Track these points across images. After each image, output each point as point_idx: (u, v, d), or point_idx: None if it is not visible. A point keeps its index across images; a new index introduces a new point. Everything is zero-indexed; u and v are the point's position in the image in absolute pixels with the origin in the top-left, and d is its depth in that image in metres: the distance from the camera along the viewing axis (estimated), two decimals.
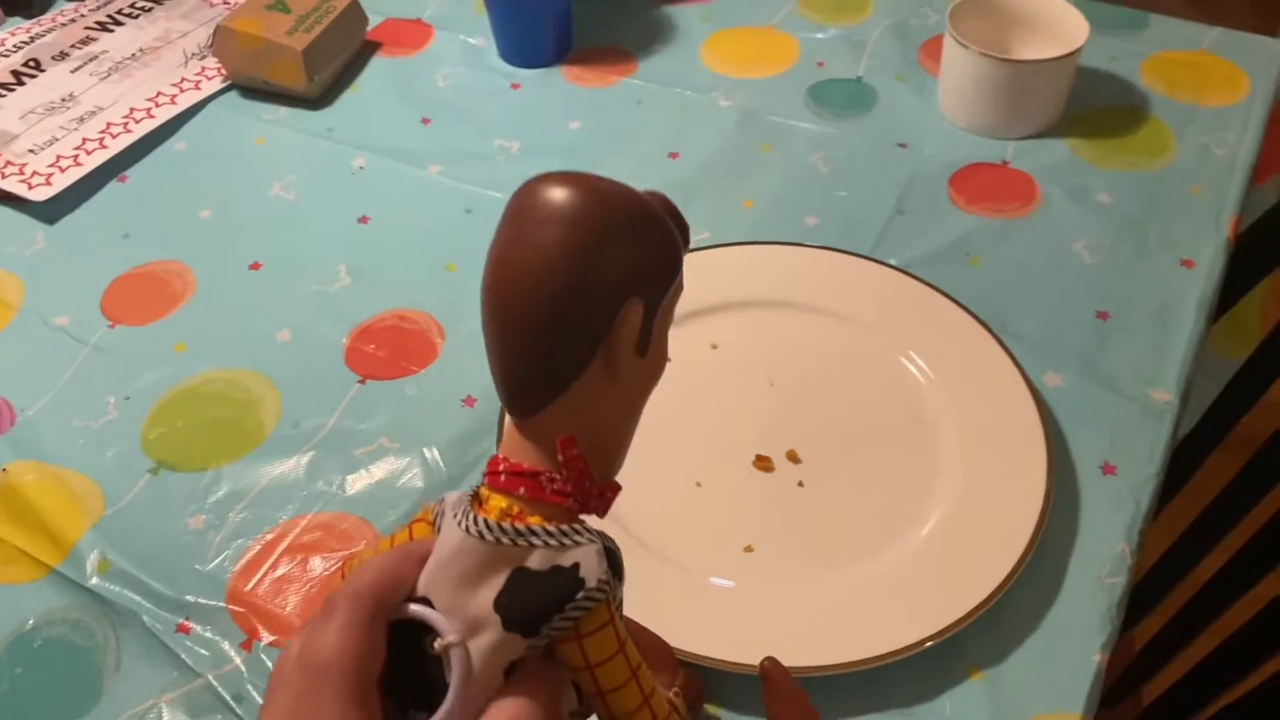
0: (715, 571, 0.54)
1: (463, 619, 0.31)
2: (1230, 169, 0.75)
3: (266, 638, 0.53)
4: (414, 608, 0.32)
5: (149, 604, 0.55)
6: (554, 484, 0.32)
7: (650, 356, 0.32)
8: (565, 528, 0.31)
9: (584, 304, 0.30)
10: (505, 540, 0.31)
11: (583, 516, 0.33)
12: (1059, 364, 0.63)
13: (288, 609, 0.54)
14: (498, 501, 0.32)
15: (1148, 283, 0.68)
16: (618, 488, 0.34)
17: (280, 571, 0.56)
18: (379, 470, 0.60)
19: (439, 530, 0.33)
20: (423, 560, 0.33)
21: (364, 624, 0.31)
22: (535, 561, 0.31)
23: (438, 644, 0.31)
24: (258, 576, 0.56)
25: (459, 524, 0.32)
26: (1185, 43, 0.86)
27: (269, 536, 0.58)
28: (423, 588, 0.33)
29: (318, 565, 0.56)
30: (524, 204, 0.31)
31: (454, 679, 0.31)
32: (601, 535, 0.33)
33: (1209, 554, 0.87)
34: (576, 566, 0.31)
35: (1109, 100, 0.81)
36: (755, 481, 0.58)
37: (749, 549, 0.55)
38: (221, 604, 0.55)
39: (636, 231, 0.31)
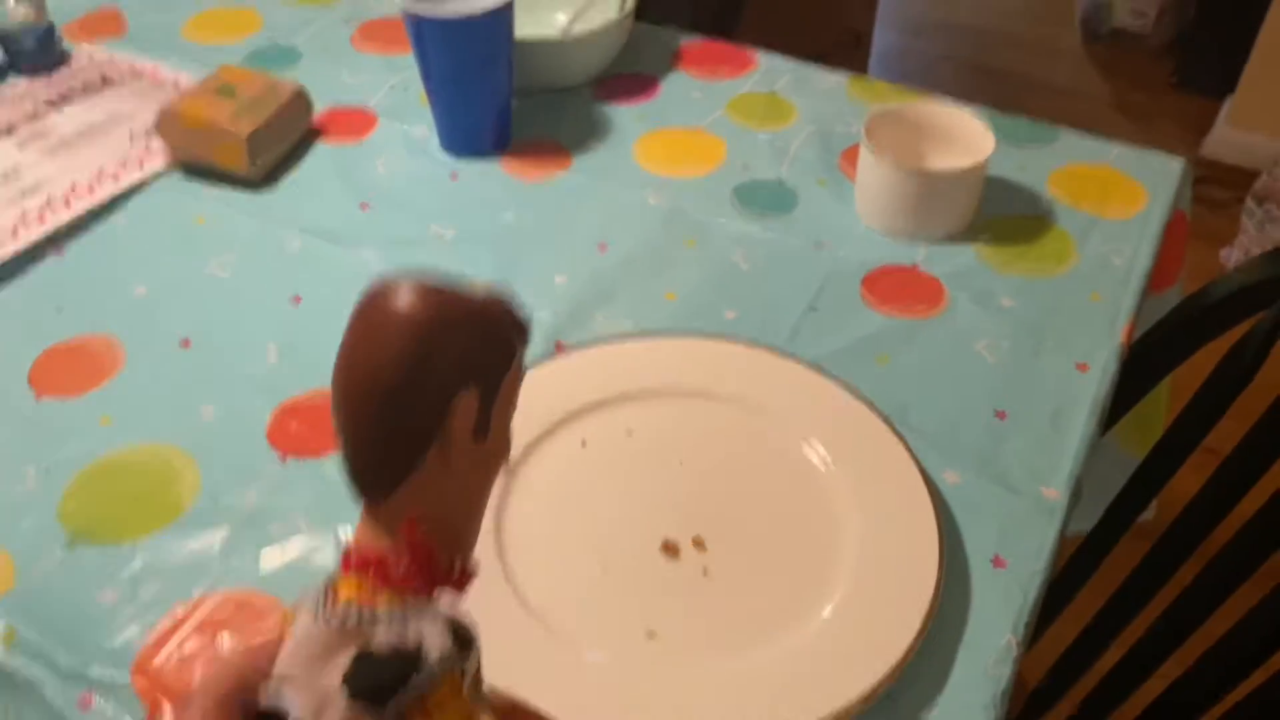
0: (615, 655, 0.56)
1: (314, 696, 0.33)
2: (1126, 277, 0.79)
3: (168, 715, 0.54)
4: (265, 698, 0.34)
5: (53, 677, 0.55)
6: (400, 567, 0.34)
7: (491, 441, 0.35)
8: (409, 609, 0.33)
9: (416, 397, 0.33)
10: (350, 623, 0.33)
11: (440, 594, 0.35)
12: (956, 460, 0.66)
13: (195, 685, 0.55)
14: (349, 586, 0.34)
15: (1044, 384, 0.71)
16: (474, 572, 0.36)
17: (189, 647, 0.57)
18: (294, 549, 0.61)
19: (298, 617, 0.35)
20: (271, 652, 0.34)
21: (218, 718, 0.33)
22: (379, 642, 0.33)
23: None
24: (165, 651, 0.56)
25: (309, 609, 0.33)
26: (1091, 156, 0.91)
27: (179, 612, 0.58)
28: (279, 670, 0.34)
29: (228, 642, 0.57)
30: (368, 303, 0.33)
31: None
32: (450, 611, 0.35)
33: (1114, 641, 0.90)
34: (419, 645, 0.33)
35: (1017, 209, 0.85)
36: (661, 567, 0.60)
37: (651, 633, 0.57)
38: (126, 679, 0.55)
39: (465, 332, 0.33)
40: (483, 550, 0.36)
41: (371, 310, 0.33)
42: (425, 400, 0.33)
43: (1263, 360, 0.75)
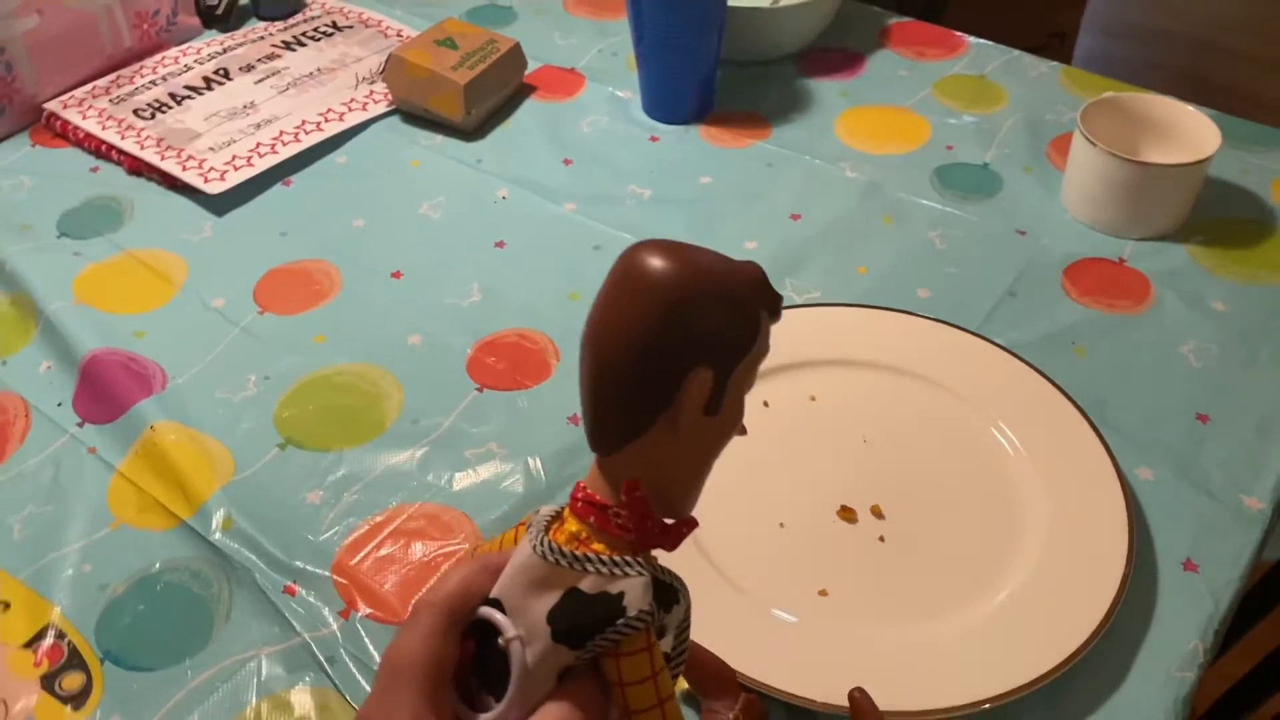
0: (787, 607, 0.56)
1: (524, 623, 0.36)
2: None
3: (364, 610, 0.58)
4: (484, 610, 0.37)
5: (263, 564, 0.60)
6: (618, 519, 0.35)
7: (722, 417, 0.35)
8: (620, 559, 0.35)
9: (653, 368, 0.33)
10: (563, 563, 0.35)
11: (654, 551, 0.37)
12: (1152, 459, 0.64)
13: (386, 587, 0.59)
14: (571, 525, 0.36)
15: (1253, 393, 0.68)
16: (693, 524, 0.37)
17: (384, 552, 0.60)
18: (485, 472, 0.65)
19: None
20: (496, 572, 0.37)
21: (440, 631, 0.36)
22: (587, 585, 0.35)
23: (500, 640, 0.36)
24: (363, 553, 0.60)
25: (531, 542, 0.36)
26: None
27: (378, 519, 0.62)
28: (497, 591, 0.37)
29: (419, 550, 0.60)
30: (624, 267, 0.34)
31: (513, 671, 0.35)
32: (661, 569, 0.37)
33: None
34: (622, 595, 0.35)
35: (1235, 212, 0.81)
36: (837, 530, 0.60)
37: (823, 592, 0.57)
38: (327, 573, 0.59)
39: (713, 306, 0.33)
40: None
41: (626, 272, 0.34)
42: (662, 370, 0.33)
43: None
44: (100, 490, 0.64)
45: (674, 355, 0.33)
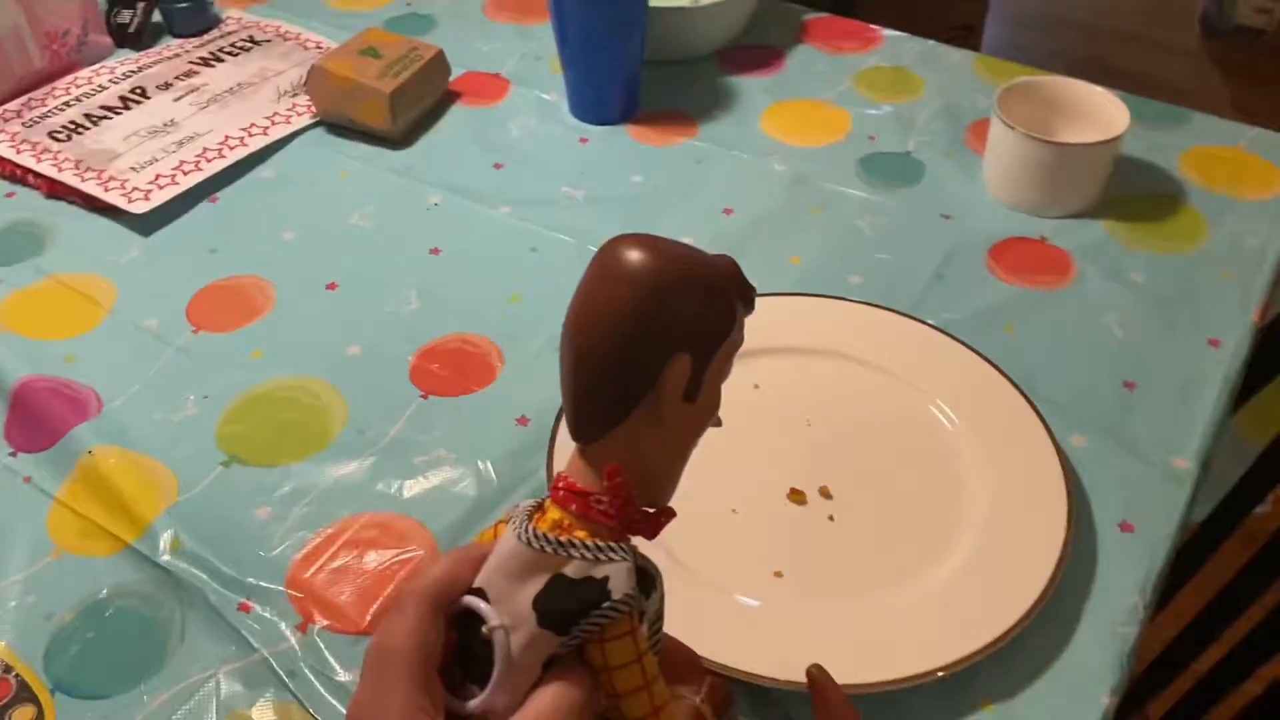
0: (745, 591, 0.57)
1: (508, 611, 0.36)
2: (1261, 258, 0.78)
3: (321, 622, 0.57)
4: (467, 599, 0.37)
5: (214, 583, 0.59)
6: (600, 505, 0.36)
7: (700, 404, 0.36)
8: (604, 544, 0.36)
9: (634, 355, 0.34)
10: (548, 549, 0.35)
11: (632, 538, 0.37)
12: (1084, 426, 0.66)
13: (343, 597, 0.58)
14: (553, 513, 0.37)
15: (1175, 358, 0.71)
16: (671, 514, 0.38)
17: (338, 563, 0.60)
18: (435, 478, 0.64)
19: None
20: (479, 561, 0.38)
21: (426, 617, 0.36)
22: (572, 570, 0.35)
23: (484, 629, 0.36)
24: (316, 566, 0.60)
25: (514, 530, 0.36)
26: (1223, 139, 0.90)
27: (329, 530, 0.62)
28: (480, 581, 0.37)
29: (373, 559, 0.60)
30: (603, 259, 0.35)
31: (497, 660, 0.36)
32: (639, 556, 0.37)
33: (1214, 644, 0.89)
34: (606, 579, 0.35)
35: (1147, 187, 0.85)
36: (788, 512, 0.61)
37: (778, 574, 0.58)
38: (281, 588, 0.59)
39: (692, 295, 0.35)
40: None
41: (605, 264, 0.35)
42: (640, 359, 0.34)
43: None
44: (39, 519, 0.63)
45: (654, 342, 0.34)
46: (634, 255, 0.34)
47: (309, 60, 1.00)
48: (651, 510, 0.38)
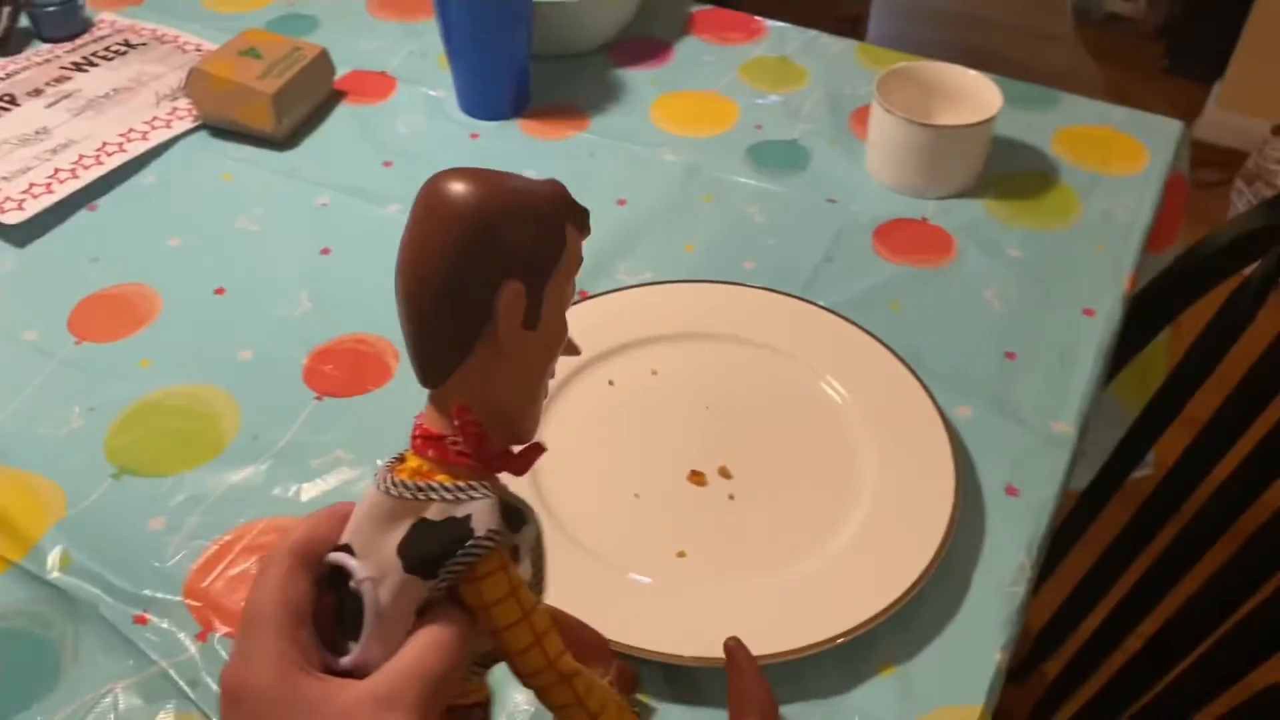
0: (648, 572, 0.58)
1: (375, 562, 0.36)
2: (1129, 230, 0.82)
3: (221, 630, 0.56)
4: (333, 555, 0.37)
5: (108, 597, 0.57)
6: (456, 446, 0.36)
7: (544, 331, 0.36)
8: (464, 484, 0.36)
9: (464, 287, 0.34)
10: (407, 495, 0.35)
11: (503, 477, 0.37)
12: (969, 397, 0.68)
13: (242, 604, 0.57)
14: (412, 462, 0.36)
15: (1052, 328, 0.74)
16: (540, 449, 0.38)
17: (236, 570, 0.59)
18: (333, 480, 0.64)
19: None
20: (343, 518, 0.38)
21: (291, 574, 0.36)
22: (433, 513, 0.35)
23: (351, 583, 0.36)
24: (214, 574, 0.59)
25: (375, 482, 0.36)
26: (1093, 118, 0.94)
27: (226, 538, 0.61)
28: (346, 536, 0.37)
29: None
30: (425, 196, 0.35)
31: (367, 611, 0.36)
32: (506, 493, 0.37)
33: (1102, 600, 0.93)
34: (469, 517, 0.35)
35: (1021, 166, 0.88)
36: (689, 494, 0.63)
37: (682, 554, 0.59)
38: (179, 598, 0.57)
39: (517, 221, 0.34)
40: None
41: (426, 201, 0.35)
42: (470, 290, 0.34)
43: (1259, 308, 0.78)
44: None
45: (483, 271, 0.34)
46: (456, 187, 0.34)
47: (188, 63, 0.97)
48: (519, 448, 0.38)
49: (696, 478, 0.63)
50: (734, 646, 0.50)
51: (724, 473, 0.63)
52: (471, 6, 0.86)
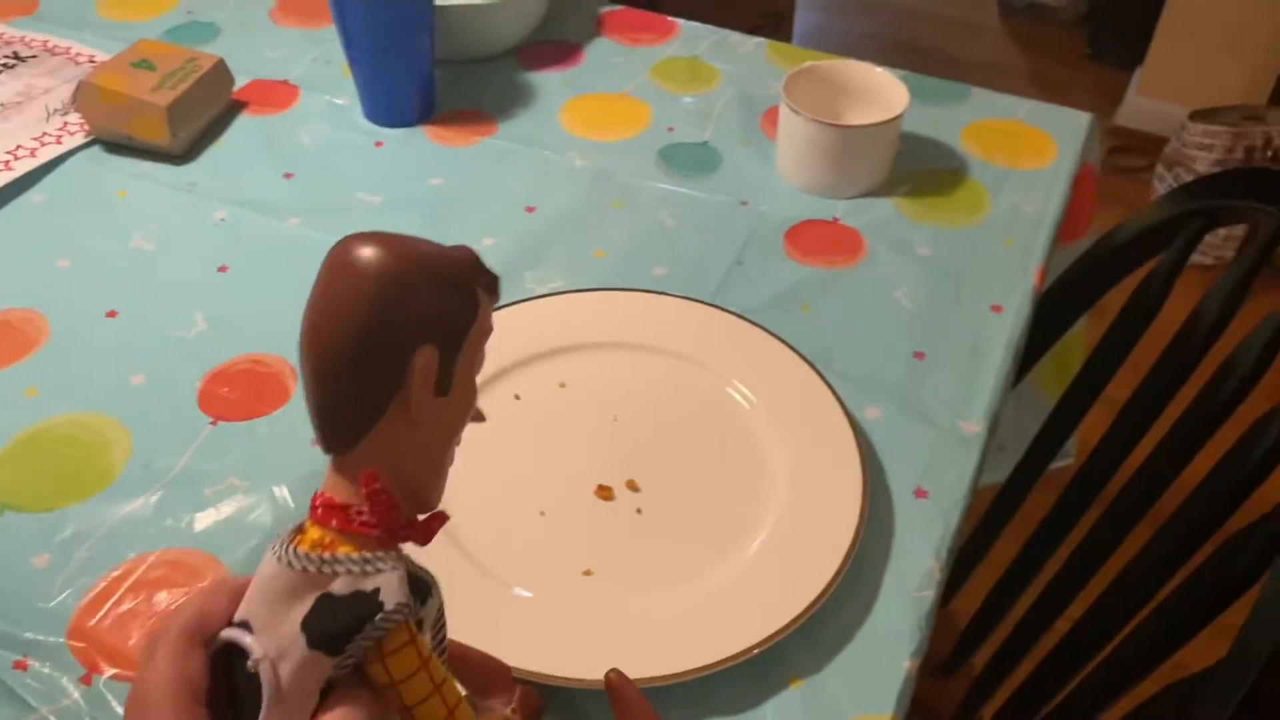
0: (553, 594, 0.57)
1: (275, 639, 0.34)
2: (1038, 224, 0.82)
3: (109, 671, 0.54)
4: (226, 632, 0.35)
5: None
6: (361, 516, 0.35)
7: (454, 397, 0.35)
8: (370, 555, 0.34)
9: (377, 353, 0.33)
10: (311, 568, 0.34)
11: (404, 546, 0.36)
12: (878, 398, 0.68)
13: (132, 643, 0.55)
14: (313, 534, 0.35)
15: (961, 326, 0.74)
16: (443, 518, 0.37)
17: (125, 607, 0.57)
18: (227, 508, 0.62)
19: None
20: (236, 592, 0.36)
21: (181, 656, 0.35)
22: (339, 586, 0.34)
23: (249, 663, 0.34)
24: (102, 612, 0.56)
25: (274, 553, 0.35)
26: (1001, 112, 0.94)
27: (115, 573, 0.58)
28: (242, 612, 0.35)
29: (164, 599, 0.57)
30: (335, 260, 0.34)
31: (265, 693, 0.34)
32: (409, 563, 0.36)
33: (1029, 587, 0.93)
34: (377, 591, 0.34)
35: (931, 163, 0.88)
36: (596, 509, 0.61)
37: (588, 572, 0.58)
38: (62, 640, 0.55)
39: (430, 287, 0.34)
40: None
41: (336, 264, 0.34)
42: (384, 355, 0.33)
43: (1165, 296, 0.78)
44: None
45: (396, 337, 0.33)
46: (367, 252, 0.33)
47: (81, 75, 0.94)
48: (422, 517, 0.37)
49: (604, 492, 0.62)
50: (616, 680, 0.48)
51: (632, 486, 0.62)
52: (369, 13, 0.84)
